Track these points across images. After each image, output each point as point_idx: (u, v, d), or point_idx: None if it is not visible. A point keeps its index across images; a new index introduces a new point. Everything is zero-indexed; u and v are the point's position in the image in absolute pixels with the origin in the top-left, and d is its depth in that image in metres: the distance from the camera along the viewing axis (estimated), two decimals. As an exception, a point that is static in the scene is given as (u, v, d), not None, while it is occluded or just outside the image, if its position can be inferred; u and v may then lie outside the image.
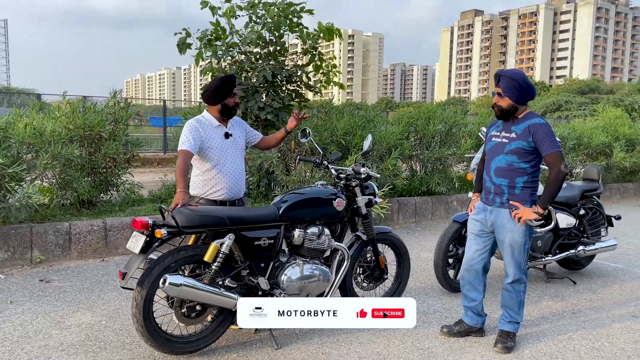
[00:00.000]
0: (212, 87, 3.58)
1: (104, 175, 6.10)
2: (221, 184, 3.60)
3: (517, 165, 3.40)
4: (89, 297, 4.24)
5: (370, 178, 3.86)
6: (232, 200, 3.67)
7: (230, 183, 3.63)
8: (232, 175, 3.64)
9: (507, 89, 3.36)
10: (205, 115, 3.66)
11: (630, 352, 3.51)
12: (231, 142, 3.68)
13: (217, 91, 3.57)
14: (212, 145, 3.57)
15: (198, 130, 3.52)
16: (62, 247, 5.16)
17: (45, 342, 3.40)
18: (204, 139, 3.54)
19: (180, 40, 6.63)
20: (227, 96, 3.59)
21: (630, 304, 4.45)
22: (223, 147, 3.62)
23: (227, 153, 3.63)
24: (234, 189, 3.67)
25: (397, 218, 7.50)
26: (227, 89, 3.58)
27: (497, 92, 3.42)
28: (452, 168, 8.53)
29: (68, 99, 6.11)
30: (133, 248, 3.03)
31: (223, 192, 3.61)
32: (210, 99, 3.60)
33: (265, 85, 6.79)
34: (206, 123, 3.61)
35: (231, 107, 3.63)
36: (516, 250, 3.46)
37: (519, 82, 3.33)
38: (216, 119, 3.64)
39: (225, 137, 3.66)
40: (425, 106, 8.91)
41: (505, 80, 3.36)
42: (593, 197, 5.26)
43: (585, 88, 57.71)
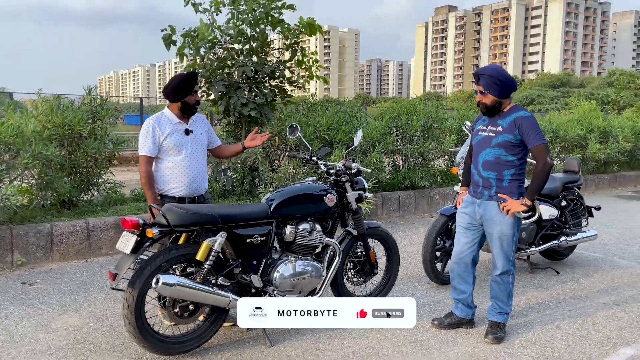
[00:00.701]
0: (173, 85, 3.56)
1: (85, 174, 5.97)
2: (179, 181, 3.57)
3: (504, 158, 3.45)
4: (74, 299, 4.15)
5: (360, 173, 3.87)
6: (191, 197, 3.64)
7: (190, 179, 3.59)
8: (191, 172, 3.60)
9: (488, 86, 3.40)
10: (166, 112, 3.63)
11: (616, 339, 3.60)
12: (191, 138, 3.64)
13: (178, 89, 3.55)
14: (170, 142, 3.54)
15: (155, 130, 3.51)
16: (44, 249, 5.04)
17: (32, 346, 3.32)
18: (162, 136, 3.52)
19: (166, 36, 6.53)
20: (188, 94, 3.56)
21: (613, 292, 4.57)
22: (182, 144, 3.58)
23: (187, 149, 3.59)
24: (194, 185, 3.63)
25: (381, 213, 7.54)
26: (188, 86, 3.54)
27: (479, 91, 3.46)
28: (434, 162, 8.61)
29: (44, 97, 5.96)
30: (123, 248, 2.97)
31: (182, 189, 3.57)
32: (171, 96, 3.58)
33: (247, 81, 6.74)
34: (165, 120, 3.59)
35: (192, 104, 3.60)
36: (505, 242, 3.51)
37: (498, 78, 3.38)
38: (176, 116, 3.62)
39: (186, 133, 3.62)
40: (407, 101, 8.97)
41: (485, 78, 3.41)
42: (574, 188, 5.37)
43: (556, 82, 58.82)
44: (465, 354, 3.34)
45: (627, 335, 3.66)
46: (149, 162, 3.50)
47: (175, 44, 6.66)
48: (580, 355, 3.35)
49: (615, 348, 3.46)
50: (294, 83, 7.21)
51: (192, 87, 3.57)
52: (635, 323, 3.88)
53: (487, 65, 3.67)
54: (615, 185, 11.73)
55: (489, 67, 3.49)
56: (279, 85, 7.23)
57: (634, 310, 4.15)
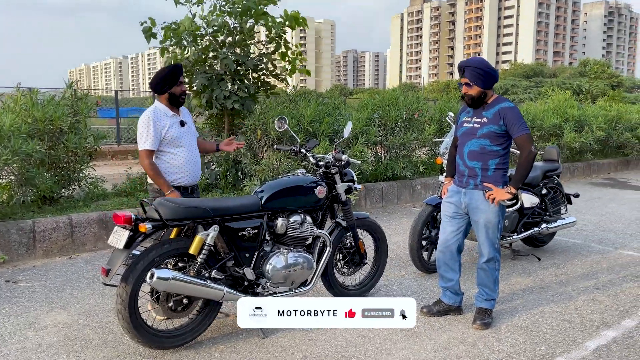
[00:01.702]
0: (159, 76, 3.65)
1: (66, 170, 5.88)
2: (182, 171, 3.70)
3: (489, 149, 3.53)
4: (61, 296, 4.10)
5: (349, 165, 3.90)
6: (192, 185, 3.79)
7: (191, 169, 3.73)
8: (191, 161, 3.73)
9: (474, 78, 3.47)
10: (158, 105, 3.69)
11: (598, 322, 3.73)
12: (187, 129, 3.78)
13: (164, 80, 3.62)
14: (170, 134, 3.63)
15: (155, 123, 3.57)
16: (27, 246, 4.96)
17: (22, 344, 3.28)
18: (163, 129, 3.60)
19: (146, 29, 6.42)
20: (174, 84, 3.63)
21: (592, 277, 4.72)
22: (181, 135, 3.69)
23: (185, 140, 3.71)
24: (194, 174, 3.78)
25: (365, 203, 7.60)
26: (174, 77, 3.62)
27: (464, 83, 3.53)
28: (415, 153, 8.70)
29: (22, 91, 5.82)
30: (116, 243, 2.95)
31: (185, 178, 3.71)
32: (158, 88, 3.65)
33: (230, 74, 6.69)
34: (161, 113, 3.65)
35: (178, 95, 3.68)
36: (490, 229, 3.59)
37: (483, 69, 3.46)
38: (169, 109, 3.69)
39: (181, 125, 3.73)
40: (388, 92, 9.03)
41: (470, 70, 3.48)
42: (554, 176, 5.51)
43: (529, 72, 59.81)
44: (454, 339, 3.42)
45: (608, 318, 3.79)
46: (150, 155, 3.57)
47: (155, 36, 6.57)
48: (565, 338, 3.46)
49: (598, 330, 3.59)
50: (277, 76, 7.19)
51: (178, 78, 3.65)
52: (616, 306, 4.02)
53: (470, 57, 3.73)
54: (589, 173, 12.04)
55: (474, 59, 3.55)
56: (261, 77, 7.19)
57: (613, 293, 4.29)
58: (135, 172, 7.02)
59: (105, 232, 5.39)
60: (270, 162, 6.51)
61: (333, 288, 3.92)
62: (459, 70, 3.57)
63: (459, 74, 3.58)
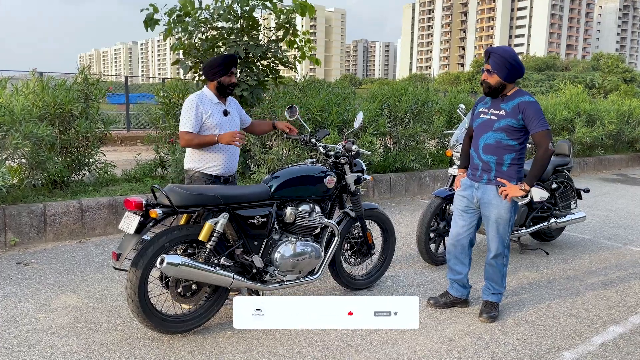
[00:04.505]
0: (211, 64, 3.66)
1: (76, 154, 5.92)
2: (218, 160, 3.67)
3: (505, 143, 3.46)
4: (71, 280, 4.15)
5: (358, 155, 3.89)
6: (226, 176, 3.76)
7: (227, 159, 3.71)
8: (228, 152, 3.71)
9: (496, 66, 3.39)
10: (206, 91, 3.72)
11: (605, 318, 3.72)
12: (229, 119, 3.75)
13: (216, 68, 3.63)
14: (212, 121, 3.63)
15: (198, 108, 3.58)
16: (37, 229, 5.01)
17: (33, 325, 3.33)
18: (205, 115, 3.61)
19: (148, 16, 6.41)
20: (224, 74, 3.64)
21: (600, 273, 4.70)
22: (222, 124, 3.67)
23: (225, 130, 3.66)
24: (229, 165, 3.75)
25: (373, 194, 7.60)
26: (226, 67, 3.63)
27: (486, 69, 3.45)
28: (424, 144, 8.67)
29: (36, 76, 5.86)
30: (127, 228, 2.98)
31: (219, 168, 3.69)
32: (209, 75, 3.67)
33: (239, 62, 6.67)
34: (206, 99, 3.67)
35: (226, 85, 3.68)
36: (501, 225, 3.55)
37: (509, 60, 3.37)
38: (215, 96, 3.70)
39: (224, 114, 3.72)
40: (398, 83, 8.98)
41: (495, 58, 3.39)
42: (564, 171, 5.47)
43: (542, 65, 59.16)
44: (461, 331, 3.43)
45: (615, 314, 3.78)
46: (189, 136, 3.56)
47: (158, 23, 6.56)
48: (572, 333, 3.46)
49: (605, 326, 3.58)
50: (285, 63, 7.16)
51: (229, 68, 3.65)
52: (623, 302, 4.01)
53: (501, 45, 3.64)
54: (600, 168, 11.94)
55: (502, 48, 3.46)
56: (270, 65, 7.17)
57: (621, 290, 4.28)
58: (144, 158, 7.06)
59: (115, 217, 5.43)
60: (279, 151, 6.51)
61: (340, 278, 3.94)
62: (485, 55, 3.50)
63: (484, 60, 3.51)
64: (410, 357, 3.07)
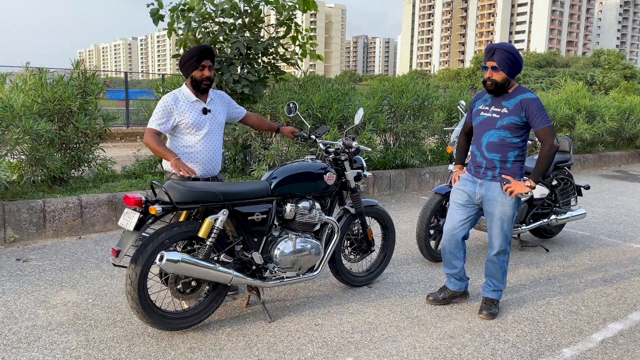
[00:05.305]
0: (183, 58, 3.45)
1: (75, 150, 5.90)
2: (197, 161, 3.47)
3: (509, 140, 3.45)
4: (71, 276, 4.14)
5: (358, 152, 3.88)
6: (205, 177, 3.54)
7: (205, 160, 3.49)
8: (207, 153, 3.50)
9: (503, 62, 3.34)
10: (183, 89, 3.49)
11: (605, 314, 3.72)
12: (209, 117, 3.51)
13: (188, 62, 3.41)
14: (187, 121, 3.40)
15: (170, 108, 3.37)
16: (37, 225, 5.00)
17: (33, 322, 3.33)
18: (178, 116, 3.39)
19: (153, 11, 6.39)
20: (195, 68, 3.40)
21: (600, 270, 4.70)
22: (199, 123, 3.45)
23: (204, 129, 3.47)
24: (209, 166, 3.53)
25: (372, 191, 7.59)
26: (196, 61, 3.38)
27: (490, 66, 3.40)
28: (424, 141, 8.66)
29: (32, 71, 5.82)
30: (126, 225, 2.97)
31: (198, 169, 3.47)
32: (183, 70, 3.46)
33: (240, 58, 6.66)
34: (182, 98, 3.44)
35: (199, 80, 3.42)
36: (505, 222, 3.54)
37: (514, 55, 3.35)
38: (193, 94, 3.48)
39: (203, 112, 3.48)
40: (398, 79, 8.96)
41: (501, 53, 3.35)
42: (565, 168, 5.46)
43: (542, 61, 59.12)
44: (460, 328, 3.43)
45: (615, 311, 3.78)
46: (155, 134, 3.34)
47: (162, 19, 6.53)
48: (572, 330, 3.46)
49: (605, 323, 3.58)
50: (287, 60, 7.14)
51: (201, 61, 3.38)
52: (623, 299, 4.01)
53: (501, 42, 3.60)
54: (600, 164, 11.94)
55: (504, 44, 3.42)
56: (271, 62, 7.15)
57: (621, 287, 4.28)
58: (144, 154, 7.05)
59: (115, 214, 5.42)
60: (278, 147, 6.50)
61: (340, 275, 3.94)
62: (487, 53, 3.42)
63: (485, 57, 3.44)
64: (410, 354, 3.06)
